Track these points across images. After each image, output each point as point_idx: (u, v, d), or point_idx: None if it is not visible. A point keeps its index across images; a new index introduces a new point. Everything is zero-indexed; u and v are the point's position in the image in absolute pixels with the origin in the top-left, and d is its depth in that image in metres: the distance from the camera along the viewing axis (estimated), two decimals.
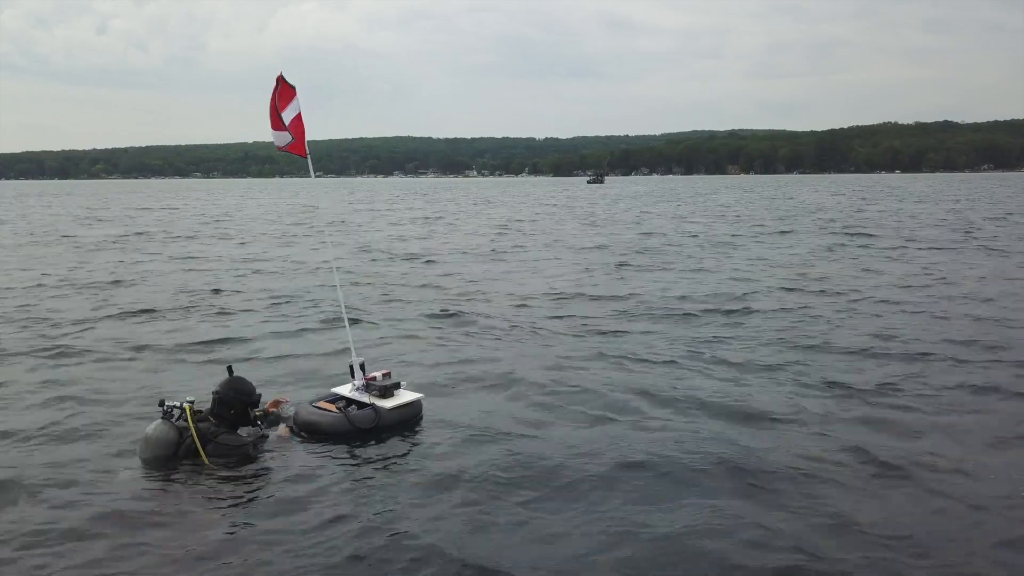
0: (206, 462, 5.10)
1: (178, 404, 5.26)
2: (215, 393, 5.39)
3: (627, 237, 23.77)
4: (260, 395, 5.57)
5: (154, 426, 5.20)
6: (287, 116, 6.04)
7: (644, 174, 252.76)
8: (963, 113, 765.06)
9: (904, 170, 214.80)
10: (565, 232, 25.55)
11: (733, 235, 24.20)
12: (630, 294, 12.47)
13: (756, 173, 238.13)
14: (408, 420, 6.06)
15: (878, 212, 36.46)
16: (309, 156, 6.41)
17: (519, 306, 11.51)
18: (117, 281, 14.51)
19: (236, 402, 5.37)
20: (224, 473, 5.07)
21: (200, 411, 5.36)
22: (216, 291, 13.32)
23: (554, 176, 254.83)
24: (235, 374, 5.58)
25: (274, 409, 5.95)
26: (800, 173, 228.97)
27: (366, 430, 5.77)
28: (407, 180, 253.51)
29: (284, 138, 6.05)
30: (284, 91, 6.03)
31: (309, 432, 5.76)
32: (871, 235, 23.43)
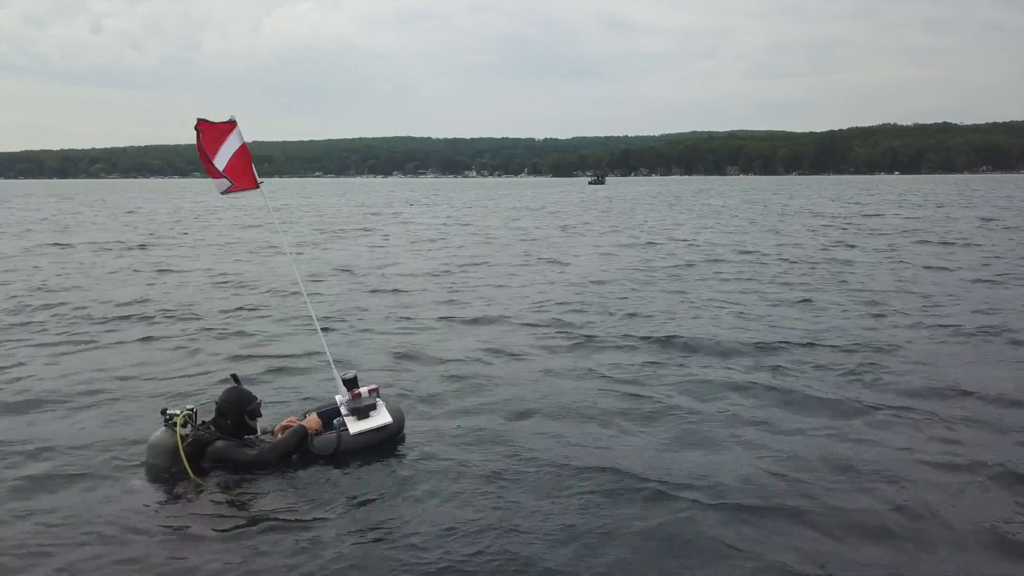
0: (188, 471, 5.17)
1: (178, 412, 5.36)
2: (215, 403, 5.56)
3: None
4: (259, 403, 5.63)
5: (156, 434, 5.37)
6: (227, 151, 5.89)
7: (643, 175, 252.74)
8: (962, 114, 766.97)
9: (903, 171, 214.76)
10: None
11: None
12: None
13: (756, 174, 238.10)
14: (377, 444, 5.78)
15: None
16: (262, 184, 6.30)
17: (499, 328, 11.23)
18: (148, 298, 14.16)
19: (231, 411, 5.47)
20: (204, 483, 5.13)
21: (204, 421, 5.53)
22: (190, 305, 13.06)
23: (554, 176, 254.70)
24: (239, 383, 5.68)
25: (280, 434, 5.74)
26: (799, 174, 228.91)
27: (327, 456, 5.61)
28: (406, 180, 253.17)
29: (223, 183, 5.94)
30: (220, 128, 5.91)
31: None
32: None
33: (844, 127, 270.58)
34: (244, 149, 6.00)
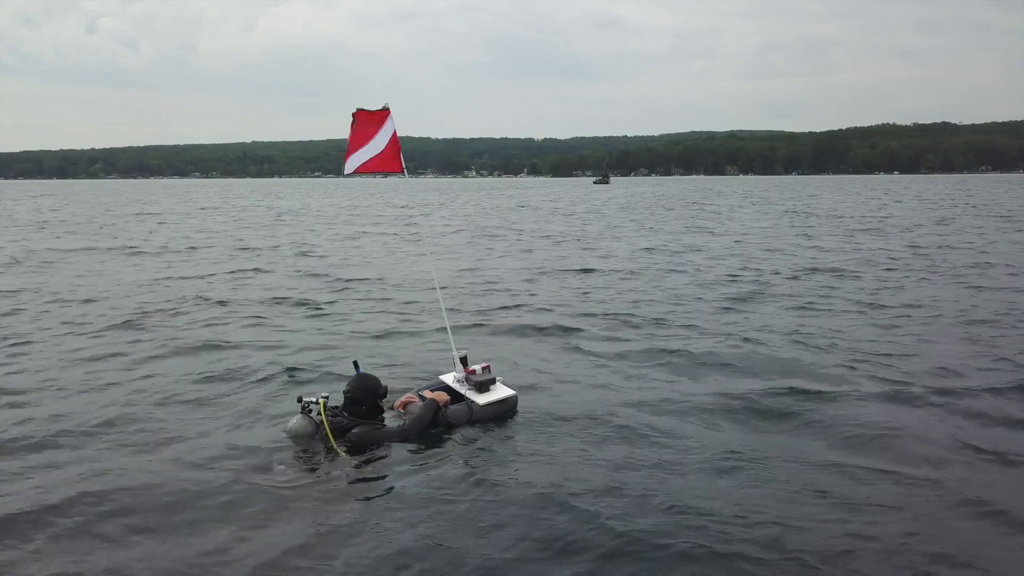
0: (340, 453, 5.36)
1: (314, 400, 5.56)
2: (346, 392, 5.73)
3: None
4: (387, 387, 5.87)
5: (294, 420, 5.57)
6: (384, 137, 6.34)
7: (643, 175, 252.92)
8: (961, 114, 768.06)
9: (902, 171, 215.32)
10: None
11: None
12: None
13: (755, 174, 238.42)
14: (502, 415, 6.16)
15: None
16: (405, 169, 6.69)
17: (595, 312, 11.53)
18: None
19: (367, 398, 5.71)
20: (355, 463, 5.30)
21: (335, 407, 5.67)
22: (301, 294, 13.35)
23: (553, 176, 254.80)
24: (361, 370, 5.90)
25: (402, 409, 6.03)
26: (798, 174, 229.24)
27: (460, 425, 5.94)
28: (406, 180, 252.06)
29: (352, 165, 6.36)
30: (377, 116, 6.35)
31: None
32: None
33: (843, 127, 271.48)
34: (395, 136, 6.45)
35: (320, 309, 11.38)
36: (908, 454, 5.41)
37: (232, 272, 15.92)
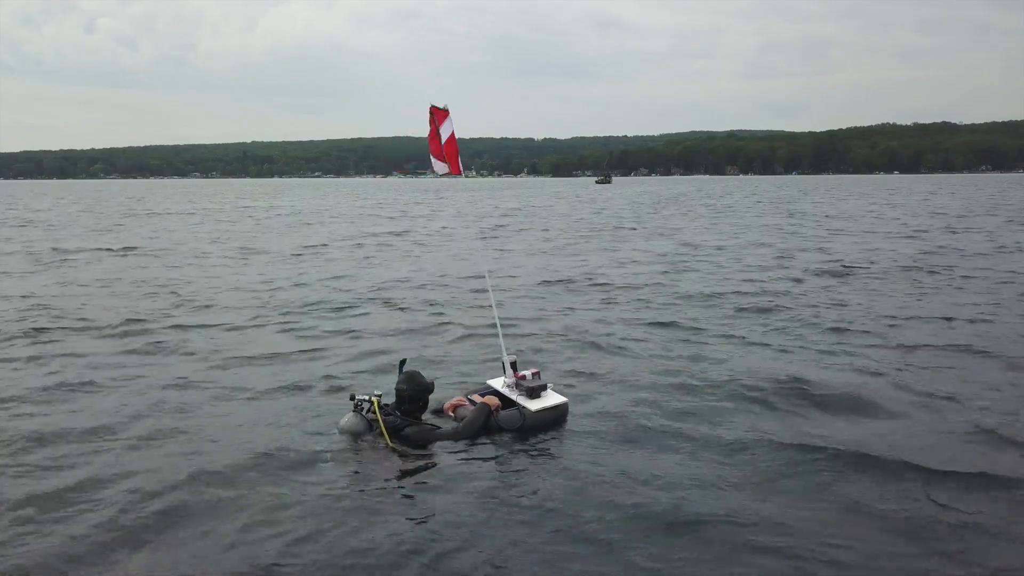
0: (388, 442, 5.38)
1: (367, 398, 5.56)
2: (401, 390, 5.67)
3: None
4: (433, 383, 5.90)
5: (346, 418, 5.56)
6: (443, 135, 6.24)
7: (643, 174, 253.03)
8: (961, 114, 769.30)
9: (903, 171, 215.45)
10: None
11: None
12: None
13: (755, 174, 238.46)
14: (552, 423, 6.03)
15: None
16: (463, 172, 6.57)
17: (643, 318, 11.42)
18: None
19: (421, 396, 5.73)
20: (406, 462, 5.27)
21: (386, 404, 5.61)
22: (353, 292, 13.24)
23: (553, 176, 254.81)
24: (408, 368, 5.86)
25: (451, 413, 5.97)
26: (798, 174, 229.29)
27: (511, 431, 5.82)
28: (406, 180, 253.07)
29: (443, 166, 6.28)
30: (441, 114, 6.24)
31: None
32: None
33: (843, 127, 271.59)
34: (453, 137, 6.31)
35: (348, 312, 11.28)
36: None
37: (257, 276, 15.81)
